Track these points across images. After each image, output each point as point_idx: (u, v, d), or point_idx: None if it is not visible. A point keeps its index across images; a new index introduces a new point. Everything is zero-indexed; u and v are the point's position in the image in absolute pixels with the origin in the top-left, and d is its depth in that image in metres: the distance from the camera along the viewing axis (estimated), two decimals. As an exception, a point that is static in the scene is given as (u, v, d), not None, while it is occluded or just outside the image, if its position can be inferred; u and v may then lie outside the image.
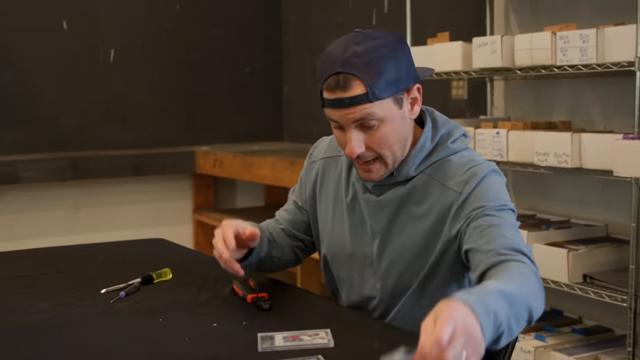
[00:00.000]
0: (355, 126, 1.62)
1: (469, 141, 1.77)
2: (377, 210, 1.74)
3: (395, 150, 1.67)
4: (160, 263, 2.12)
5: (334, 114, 1.62)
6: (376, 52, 1.58)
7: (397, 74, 1.61)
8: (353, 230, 1.79)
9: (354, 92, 1.58)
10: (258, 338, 1.50)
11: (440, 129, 1.74)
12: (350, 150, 1.63)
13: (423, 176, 1.71)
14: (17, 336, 1.59)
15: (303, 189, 1.95)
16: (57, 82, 4.93)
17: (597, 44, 2.64)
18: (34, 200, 4.87)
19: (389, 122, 1.63)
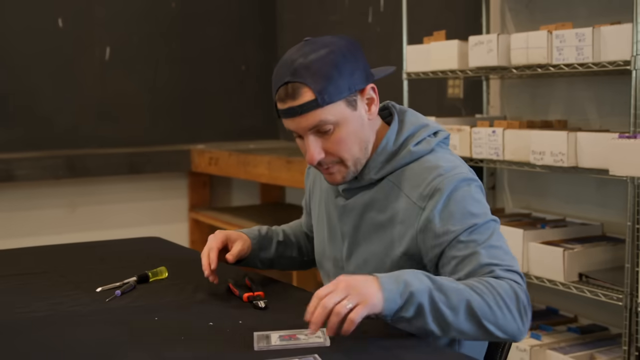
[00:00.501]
0: (311, 133, 1.63)
1: (439, 141, 1.70)
2: (344, 214, 1.76)
3: (354, 152, 1.66)
4: (156, 262, 2.11)
5: (289, 123, 1.64)
6: (323, 58, 1.59)
7: (346, 77, 1.60)
8: (329, 233, 1.83)
9: (303, 99, 1.59)
10: (254, 337, 1.50)
11: (405, 131, 1.70)
12: (310, 157, 1.64)
13: (387, 183, 1.69)
14: (13, 335, 1.58)
15: (306, 195, 2.01)
16: (53, 80, 4.92)
17: (593, 43, 2.64)
18: (29, 199, 4.86)
19: (344, 125, 1.63)
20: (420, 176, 1.64)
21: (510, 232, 2.95)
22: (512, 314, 1.47)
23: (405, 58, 3.50)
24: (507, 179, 3.57)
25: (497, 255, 1.54)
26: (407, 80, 3.51)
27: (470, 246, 1.55)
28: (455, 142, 3.16)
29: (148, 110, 5.22)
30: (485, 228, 1.57)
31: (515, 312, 1.47)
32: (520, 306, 1.48)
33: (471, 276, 1.52)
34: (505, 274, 1.51)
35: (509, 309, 1.47)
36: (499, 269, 1.52)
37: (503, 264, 1.53)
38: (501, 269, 1.52)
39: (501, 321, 1.46)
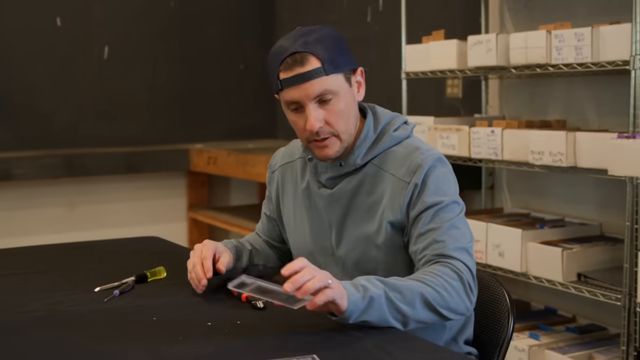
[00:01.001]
0: (313, 102, 1.72)
1: (412, 128, 1.85)
2: (331, 202, 1.83)
3: (349, 125, 1.77)
4: (155, 261, 2.11)
5: (294, 92, 1.71)
6: (326, 36, 1.74)
7: (345, 55, 1.76)
8: (312, 225, 1.87)
9: (311, 66, 1.70)
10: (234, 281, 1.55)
11: (382, 120, 1.83)
12: (311, 125, 1.71)
13: (372, 167, 1.80)
14: (11, 334, 1.58)
15: (270, 200, 2.03)
16: (51, 79, 4.92)
17: (592, 42, 2.64)
18: (27, 198, 4.86)
19: (342, 97, 1.74)
20: (405, 157, 1.77)
21: (509, 232, 2.95)
22: (460, 296, 1.61)
23: (404, 57, 3.50)
24: (505, 178, 3.57)
25: (453, 235, 1.68)
26: (406, 79, 3.50)
27: (434, 221, 1.69)
28: (454, 142, 3.16)
29: (147, 110, 5.21)
30: (451, 208, 1.71)
31: (462, 293, 1.62)
32: (465, 287, 1.63)
33: (426, 249, 1.68)
34: (454, 253, 1.66)
35: (457, 292, 1.61)
36: (450, 247, 1.66)
37: (455, 244, 1.67)
38: (452, 248, 1.66)
39: (452, 304, 1.60)
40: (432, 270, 1.62)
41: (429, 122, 3.32)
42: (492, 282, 1.94)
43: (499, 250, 2.99)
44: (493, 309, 1.91)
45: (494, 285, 1.93)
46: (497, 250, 3.00)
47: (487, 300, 1.93)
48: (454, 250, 1.66)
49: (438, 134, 3.24)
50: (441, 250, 1.66)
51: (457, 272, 1.62)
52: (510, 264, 2.96)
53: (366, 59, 4.52)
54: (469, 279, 1.64)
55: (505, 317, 1.86)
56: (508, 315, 1.85)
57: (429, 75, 3.36)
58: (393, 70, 4.04)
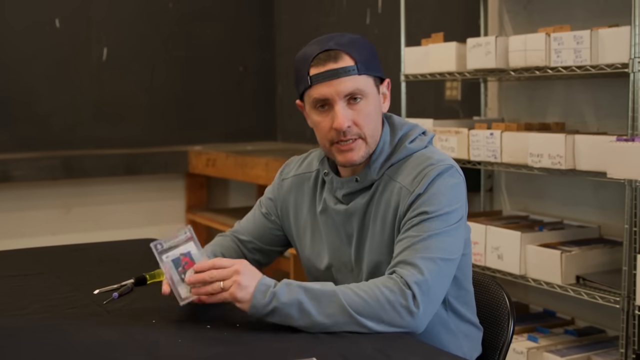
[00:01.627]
0: (344, 100, 1.70)
1: (429, 139, 1.81)
2: (348, 218, 1.80)
3: (376, 131, 1.75)
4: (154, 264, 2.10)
5: (324, 88, 1.70)
6: (357, 39, 1.74)
7: (376, 61, 1.75)
8: (330, 242, 1.85)
9: (344, 63, 1.69)
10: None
11: (398, 131, 1.80)
12: (340, 122, 1.69)
13: (384, 178, 1.77)
14: (10, 337, 1.58)
15: (274, 204, 1.98)
16: (50, 80, 4.91)
17: (591, 45, 2.64)
18: (25, 199, 4.85)
19: (371, 100, 1.73)
20: (415, 167, 1.74)
21: (508, 235, 2.95)
22: (394, 309, 1.55)
23: (403, 60, 3.50)
24: (504, 181, 3.57)
25: (429, 245, 1.63)
26: (405, 82, 3.51)
27: (416, 229, 1.65)
28: (453, 144, 3.16)
29: (145, 111, 5.21)
30: (441, 219, 1.66)
31: (399, 306, 1.56)
32: (406, 300, 1.56)
33: (399, 255, 1.64)
34: (418, 261, 1.60)
35: (391, 305, 1.55)
36: (416, 256, 1.61)
37: (425, 253, 1.61)
38: (419, 257, 1.61)
39: (385, 317, 1.55)
40: (374, 282, 1.60)
41: (428, 124, 3.32)
42: (492, 285, 1.94)
43: (498, 253, 2.99)
44: (493, 311, 1.91)
45: (494, 288, 1.93)
46: (496, 253, 3.00)
47: (487, 303, 1.93)
48: (419, 259, 1.61)
49: (437, 136, 3.24)
50: (406, 257, 1.62)
51: (398, 284, 1.57)
52: (509, 266, 2.95)
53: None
54: (416, 290, 1.57)
55: (505, 320, 1.86)
56: (508, 318, 1.85)
57: (428, 77, 3.36)
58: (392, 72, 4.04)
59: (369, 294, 1.56)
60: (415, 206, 1.68)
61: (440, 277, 1.62)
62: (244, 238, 2.00)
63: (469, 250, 1.81)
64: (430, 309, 1.60)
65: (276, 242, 2.00)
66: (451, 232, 1.67)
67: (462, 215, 1.71)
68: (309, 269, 1.92)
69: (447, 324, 1.76)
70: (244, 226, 2.02)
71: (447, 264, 1.64)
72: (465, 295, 1.81)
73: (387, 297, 1.56)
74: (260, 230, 1.99)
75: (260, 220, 2.00)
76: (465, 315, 1.80)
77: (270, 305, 1.55)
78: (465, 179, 1.76)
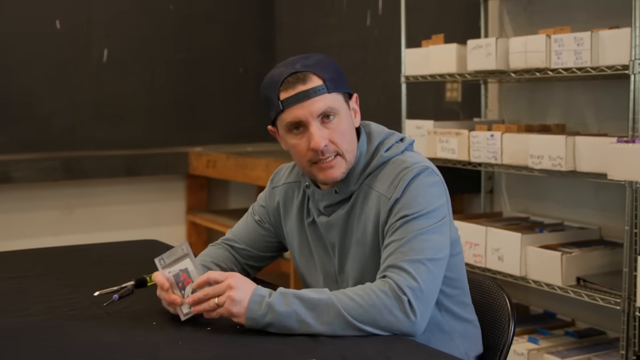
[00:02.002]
0: (317, 120, 1.71)
1: (407, 144, 1.81)
2: (329, 230, 1.82)
3: (352, 146, 1.76)
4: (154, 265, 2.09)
5: (297, 111, 1.70)
6: (324, 59, 1.76)
7: (342, 78, 1.76)
8: (317, 252, 1.87)
9: (313, 83, 1.70)
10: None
11: (374, 140, 1.80)
12: (316, 142, 1.70)
13: (363, 187, 1.78)
14: (10, 339, 1.58)
15: (266, 211, 1.99)
16: (50, 81, 4.91)
17: (591, 47, 2.64)
18: (25, 200, 4.85)
19: (343, 116, 1.74)
20: (391, 173, 1.75)
21: (508, 236, 2.95)
22: (391, 313, 1.56)
23: (404, 61, 3.50)
24: (504, 182, 3.57)
25: (415, 246, 1.63)
26: (406, 83, 3.50)
27: (400, 231, 1.66)
28: (454, 146, 3.16)
29: (145, 113, 5.21)
30: (423, 219, 1.67)
31: (396, 310, 1.56)
32: (402, 303, 1.56)
33: (385, 260, 1.64)
34: (407, 265, 1.60)
35: (388, 309, 1.56)
36: (404, 259, 1.61)
37: (413, 256, 1.62)
38: (407, 260, 1.61)
39: (382, 322, 1.56)
40: (369, 286, 1.60)
41: (428, 125, 3.32)
42: (493, 286, 1.94)
43: (498, 254, 2.98)
44: (493, 313, 1.91)
45: (495, 290, 1.93)
46: (496, 254, 2.99)
47: (488, 305, 1.93)
48: (407, 262, 1.61)
49: (437, 137, 3.24)
50: (394, 262, 1.62)
51: (392, 288, 1.58)
52: (509, 268, 2.95)
53: (365, 62, 4.52)
54: (411, 295, 1.57)
55: (505, 321, 1.86)
56: (509, 319, 1.85)
57: (429, 79, 3.36)
58: (392, 74, 4.04)
59: (365, 299, 1.57)
60: (395, 211, 1.69)
61: (432, 279, 1.62)
62: (237, 246, 2.00)
63: (459, 250, 1.82)
64: (426, 312, 1.60)
65: (269, 248, 2.01)
66: (435, 229, 1.67)
67: (444, 214, 1.71)
68: (301, 277, 1.95)
69: (440, 325, 1.76)
70: (237, 234, 2.02)
71: (436, 264, 1.64)
72: (460, 295, 1.82)
73: (383, 301, 1.56)
74: (254, 237, 2.00)
75: (254, 227, 2.00)
76: (460, 314, 1.80)
77: (267, 317, 1.55)
78: (443, 179, 1.77)
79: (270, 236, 1.99)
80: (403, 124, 3.48)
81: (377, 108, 4.28)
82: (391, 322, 1.56)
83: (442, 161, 3.22)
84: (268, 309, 1.55)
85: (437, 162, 3.20)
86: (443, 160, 3.22)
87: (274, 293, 1.58)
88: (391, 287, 1.58)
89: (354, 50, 4.58)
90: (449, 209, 1.76)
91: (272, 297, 1.57)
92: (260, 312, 1.56)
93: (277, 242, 1.99)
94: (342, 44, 4.71)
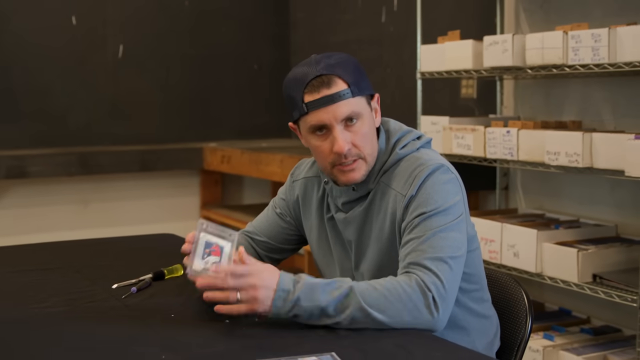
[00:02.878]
0: (340, 124, 1.72)
1: (423, 142, 1.82)
2: (347, 226, 1.83)
3: (374, 149, 1.78)
4: (171, 258, 2.11)
5: (321, 114, 1.71)
6: (347, 60, 1.75)
7: (365, 79, 1.77)
8: (335, 247, 1.89)
9: (338, 87, 1.71)
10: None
11: (392, 138, 1.82)
12: (340, 146, 1.71)
13: (381, 185, 1.80)
14: (30, 330, 1.59)
15: (286, 204, 2.01)
16: (66, 77, 4.94)
17: (609, 43, 2.63)
18: (41, 195, 4.89)
19: (366, 120, 1.75)
20: (406, 171, 1.76)
21: (524, 233, 2.95)
22: (417, 308, 1.56)
23: (420, 58, 3.50)
24: (520, 179, 3.56)
25: (435, 244, 1.64)
26: (421, 79, 3.50)
27: (418, 229, 1.66)
28: (469, 142, 3.16)
29: (160, 108, 5.23)
30: (440, 216, 1.67)
31: (421, 305, 1.56)
32: (427, 299, 1.57)
33: (405, 258, 1.65)
34: (428, 263, 1.61)
35: (414, 303, 1.56)
36: (425, 257, 1.62)
37: (434, 253, 1.62)
38: (428, 258, 1.62)
39: (406, 316, 1.56)
40: (394, 280, 1.60)
41: (444, 122, 3.32)
42: (510, 282, 1.94)
43: (514, 251, 2.98)
44: (510, 309, 1.91)
45: (512, 286, 1.93)
46: (511, 251, 2.99)
47: (505, 301, 1.93)
48: (429, 260, 1.62)
49: (453, 134, 3.24)
50: (415, 259, 1.63)
51: (419, 284, 1.58)
52: (525, 264, 2.95)
53: (381, 59, 4.52)
54: (435, 292, 1.58)
55: (522, 317, 1.86)
56: (526, 315, 1.85)
57: (444, 75, 3.35)
58: (408, 70, 4.04)
59: (391, 292, 1.57)
60: (411, 209, 1.70)
61: (452, 277, 1.63)
62: (258, 238, 2.02)
63: (477, 246, 1.82)
64: (448, 309, 1.61)
65: (290, 241, 2.02)
66: (453, 227, 1.67)
67: (461, 211, 1.71)
68: (319, 270, 1.96)
69: (457, 320, 1.76)
70: (257, 226, 2.04)
71: (456, 262, 1.65)
72: (478, 291, 1.82)
73: (409, 295, 1.57)
74: (275, 229, 2.01)
75: (275, 219, 2.02)
76: (477, 310, 1.81)
77: (292, 312, 1.55)
78: (459, 177, 1.77)
79: (291, 229, 2.00)
80: (418, 120, 3.48)
81: (392, 104, 4.28)
82: (415, 317, 1.56)
83: (458, 157, 3.22)
84: (293, 305, 1.55)
85: (453, 159, 3.20)
86: (459, 157, 3.22)
87: (299, 285, 1.57)
88: (417, 282, 1.59)
89: (369, 47, 4.58)
90: (466, 206, 1.76)
91: (297, 292, 1.56)
92: (285, 308, 1.55)
93: (298, 235, 2.01)
94: (357, 40, 4.71)
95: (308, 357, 1.38)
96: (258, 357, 1.38)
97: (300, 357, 1.38)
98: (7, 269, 2.13)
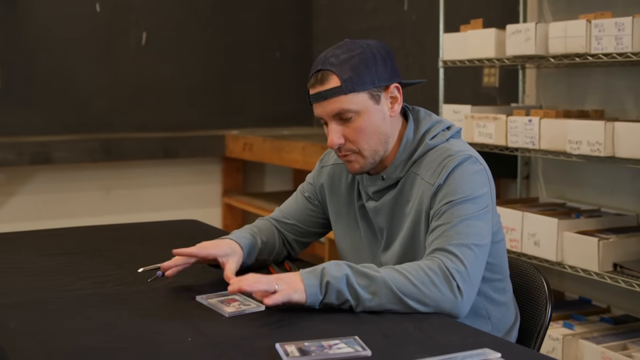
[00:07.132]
0: (334, 119, 1.76)
1: (453, 133, 1.83)
2: (377, 214, 1.86)
3: (373, 144, 1.78)
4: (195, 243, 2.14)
5: (317, 108, 1.77)
6: (353, 54, 1.75)
7: (372, 73, 1.75)
8: (366, 234, 1.91)
9: (329, 85, 1.74)
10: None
11: (421, 127, 1.83)
12: (331, 141, 1.76)
13: (409, 174, 1.82)
14: (59, 312, 1.63)
15: (314, 188, 2.04)
16: (90, 64, 4.99)
17: (632, 32, 2.63)
18: (65, 181, 4.94)
19: (365, 116, 1.76)
20: (435, 160, 1.78)
21: (545, 221, 2.95)
22: (440, 291, 1.59)
23: (442, 46, 3.50)
24: (541, 168, 3.56)
25: (461, 231, 1.66)
26: (444, 68, 3.51)
27: (445, 216, 1.69)
28: (491, 131, 3.17)
29: (183, 96, 5.27)
30: (467, 205, 1.69)
31: (444, 289, 1.59)
32: (449, 283, 1.60)
33: (432, 243, 1.68)
34: (453, 248, 1.64)
35: (436, 286, 1.59)
36: (451, 242, 1.65)
37: (459, 240, 1.65)
38: (454, 243, 1.64)
39: (429, 299, 1.58)
40: (417, 263, 1.63)
41: (466, 110, 3.32)
42: (531, 269, 1.96)
43: (535, 239, 2.99)
44: (531, 296, 1.92)
45: (532, 273, 1.94)
46: (532, 239, 3.00)
47: (525, 288, 1.94)
48: (454, 245, 1.64)
49: (475, 122, 3.25)
50: (441, 245, 1.65)
51: (442, 268, 1.61)
52: (545, 253, 2.96)
53: (403, 47, 4.52)
54: (458, 277, 1.60)
55: (543, 304, 1.87)
56: (546, 302, 1.87)
57: (467, 64, 3.36)
58: (430, 58, 4.05)
59: (413, 275, 1.59)
60: (439, 197, 1.72)
61: (477, 264, 1.65)
62: (286, 221, 2.04)
63: (502, 237, 1.84)
64: (471, 295, 1.63)
65: (318, 224, 2.05)
66: (480, 217, 1.70)
67: (487, 202, 1.73)
68: (342, 256, 1.98)
69: (477, 309, 1.78)
70: (286, 210, 2.07)
71: (481, 250, 1.67)
72: (500, 281, 1.83)
73: (431, 278, 1.59)
74: (303, 212, 2.05)
75: (303, 203, 2.05)
76: (498, 300, 1.82)
77: (324, 282, 1.58)
78: (488, 168, 1.78)
79: (319, 212, 2.03)
80: (440, 109, 3.49)
81: (414, 93, 4.29)
82: (438, 299, 1.58)
83: (480, 146, 3.23)
84: (321, 274, 1.58)
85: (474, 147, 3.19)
86: (480, 145, 3.23)
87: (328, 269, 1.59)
88: (440, 266, 1.61)
89: (392, 35, 4.58)
90: (493, 198, 1.77)
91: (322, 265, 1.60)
92: (316, 281, 1.58)
93: (325, 219, 2.04)
94: (379, 28, 4.71)
95: (332, 340, 1.41)
96: (281, 341, 1.40)
97: (324, 341, 1.40)
98: (36, 252, 2.18)
